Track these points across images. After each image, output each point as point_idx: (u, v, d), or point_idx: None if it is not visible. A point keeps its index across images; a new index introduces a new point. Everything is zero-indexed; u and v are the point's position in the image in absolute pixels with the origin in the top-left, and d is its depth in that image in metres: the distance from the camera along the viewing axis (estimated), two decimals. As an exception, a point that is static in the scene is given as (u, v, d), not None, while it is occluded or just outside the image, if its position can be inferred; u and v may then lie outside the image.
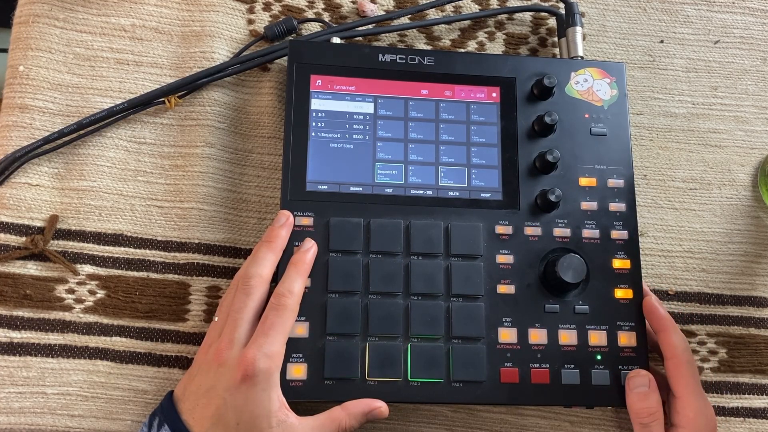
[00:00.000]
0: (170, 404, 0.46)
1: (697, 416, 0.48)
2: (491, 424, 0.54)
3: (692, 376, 0.49)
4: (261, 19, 0.60)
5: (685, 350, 0.49)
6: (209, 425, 0.44)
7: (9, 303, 0.52)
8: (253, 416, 0.44)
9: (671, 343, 0.50)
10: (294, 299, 0.47)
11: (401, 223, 0.52)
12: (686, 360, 0.49)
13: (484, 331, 0.50)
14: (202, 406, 0.45)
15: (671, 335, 0.50)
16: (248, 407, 0.44)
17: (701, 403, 0.48)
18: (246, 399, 0.44)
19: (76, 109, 0.56)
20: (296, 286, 0.47)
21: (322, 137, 0.54)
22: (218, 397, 0.44)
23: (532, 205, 0.53)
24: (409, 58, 0.56)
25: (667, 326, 0.50)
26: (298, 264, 0.49)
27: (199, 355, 0.48)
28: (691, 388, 0.48)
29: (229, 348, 0.45)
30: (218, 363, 0.45)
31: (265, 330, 0.45)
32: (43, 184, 0.54)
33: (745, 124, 0.62)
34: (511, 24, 0.63)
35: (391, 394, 0.49)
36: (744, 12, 0.65)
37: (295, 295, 0.47)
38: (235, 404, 0.44)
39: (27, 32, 0.57)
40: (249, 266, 0.48)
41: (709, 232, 0.59)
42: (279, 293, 0.47)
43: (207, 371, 0.46)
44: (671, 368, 0.49)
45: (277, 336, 0.45)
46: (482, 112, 0.55)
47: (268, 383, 0.44)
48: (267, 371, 0.44)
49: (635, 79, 0.62)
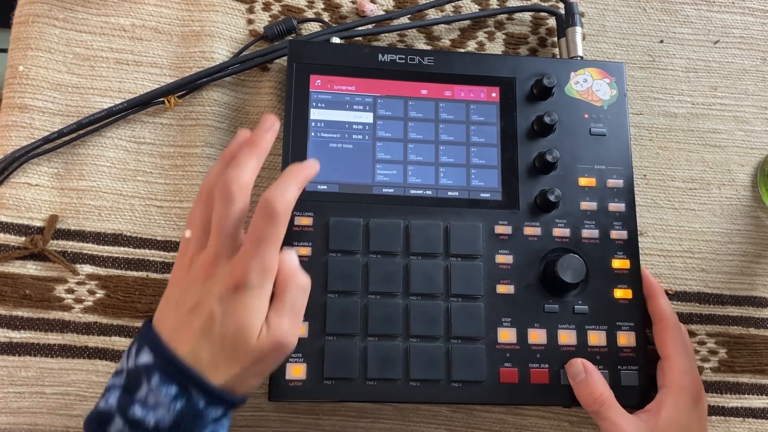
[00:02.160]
0: (148, 329, 0.42)
1: (682, 376, 0.49)
2: (491, 424, 0.54)
3: (678, 338, 0.51)
4: (261, 19, 0.60)
5: (671, 314, 0.52)
6: (194, 341, 0.40)
7: (8, 303, 0.52)
8: (240, 329, 0.40)
9: (658, 307, 0.52)
10: (287, 207, 0.41)
11: (401, 223, 0.52)
12: (673, 322, 0.51)
13: (484, 331, 0.50)
14: (186, 323, 0.41)
15: (659, 299, 0.52)
16: (235, 319, 0.40)
17: (687, 364, 0.50)
18: (234, 311, 0.40)
19: (75, 109, 0.56)
20: (289, 193, 0.41)
21: (322, 137, 0.54)
22: (205, 312, 0.41)
23: (532, 205, 0.53)
24: (409, 58, 0.56)
25: (655, 292, 0.53)
26: (296, 170, 0.43)
27: (176, 272, 0.44)
28: (677, 349, 0.50)
29: (216, 262, 0.41)
30: (205, 276, 0.42)
31: (256, 240, 0.40)
32: (43, 184, 0.54)
33: (745, 124, 0.62)
34: (511, 24, 0.63)
35: (390, 394, 0.49)
36: (744, 12, 0.65)
37: (288, 204, 0.41)
38: (223, 317, 0.40)
39: (27, 32, 0.57)
40: (229, 171, 0.42)
41: (708, 232, 0.59)
42: (269, 199, 0.41)
43: (189, 287, 0.42)
44: (658, 331, 0.51)
45: (269, 249, 0.41)
46: (482, 112, 0.55)
47: (259, 294, 0.41)
48: (259, 285, 0.41)
49: (635, 79, 0.62)
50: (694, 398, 0.49)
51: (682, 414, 0.48)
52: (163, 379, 0.40)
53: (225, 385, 0.41)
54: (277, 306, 0.42)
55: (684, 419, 0.48)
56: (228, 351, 0.40)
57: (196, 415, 0.40)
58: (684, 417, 0.48)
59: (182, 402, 0.40)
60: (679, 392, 0.48)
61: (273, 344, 0.41)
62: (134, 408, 0.39)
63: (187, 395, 0.40)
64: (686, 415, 0.48)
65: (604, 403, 0.48)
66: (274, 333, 0.41)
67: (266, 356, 0.41)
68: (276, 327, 0.41)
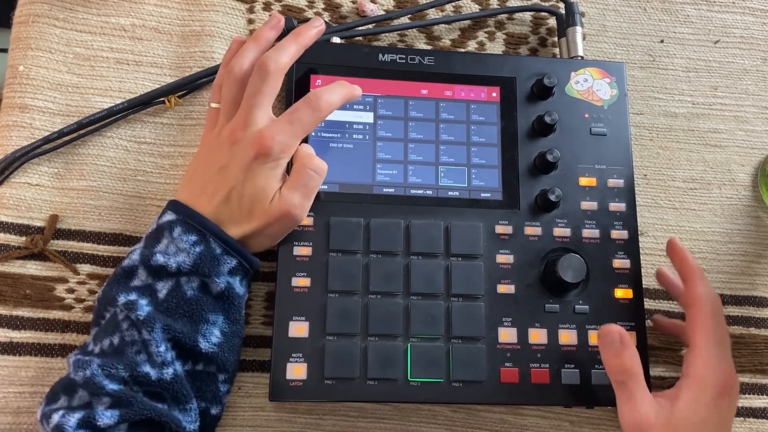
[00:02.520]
0: (170, 201, 0.49)
1: (707, 369, 0.45)
2: (491, 424, 0.54)
3: (711, 327, 0.46)
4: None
5: (709, 301, 0.47)
6: (217, 202, 0.47)
7: (9, 303, 0.52)
8: (256, 192, 0.47)
9: (696, 292, 0.48)
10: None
11: (401, 223, 0.52)
12: (708, 311, 0.47)
13: (484, 331, 0.50)
14: (214, 184, 0.47)
15: (698, 284, 0.48)
16: (253, 184, 0.47)
17: (716, 358, 0.46)
18: (253, 176, 0.47)
19: (76, 108, 0.56)
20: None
21: (322, 137, 0.54)
22: (232, 175, 0.47)
23: (532, 204, 0.53)
24: (409, 58, 0.56)
25: (691, 275, 0.49)
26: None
27: (206, 138, 0.50)
28: (707, 338, 0.46)
29: (245, 128, 0.47)
30: (232, 141, 0.47)
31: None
32: (43, 183, 0.54)
33: (745, 124, 0.62)
34: (511, 24, 0.63)
35: (391, 394, 0.49)
36: (744, 12, 0.65)
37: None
38: (243, 182, 0.47)
39: (27, 32, 0.57)
40: (271, 52, 0.48)
41: (709, 231, 0.59)
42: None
43: (218, 150, 0.48)
44: (690, 316, 0.48)
45: (297, 131, 0.47)
46: (482, 112, 0.55)
47: (277, 164, 0.47)
48: (279, 154, 0.47)
49: (635, 79, 0.62)
50: (718, 392, 0.45)
51: (700, 407, 0.45)
52: (184, 229, 0.46)
53: (239, 238, 0.47)
54: (292, 182, 0.48)
55: (702, 412, 0.45)
56: (244, 211, 0.47)
57: (213, 259, 0.46)
58: (702, 410, 0.45)
59: (201, 247, 0.46)
60: (701, 384, 0.45)
61: (282, 212, 0.47)
62: (156, 257, 0.46)
63: (206, 242, 0.46)
64: (705, 408, 0.45)
65: (633, 376, 0.46)
66: (284, 202, 0.47)
67: (276, 221, 0.48)
68: (287, 198, 0.47)
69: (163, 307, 0.46)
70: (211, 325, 0.47)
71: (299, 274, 0.50)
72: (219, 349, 0.47)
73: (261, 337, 0.53)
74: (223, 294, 0.47)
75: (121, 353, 0.44)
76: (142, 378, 0.44)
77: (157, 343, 0.44)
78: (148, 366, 0.44)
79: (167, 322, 0.45)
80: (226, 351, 0.47)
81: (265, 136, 0.46)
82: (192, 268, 0.46)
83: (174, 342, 0.45)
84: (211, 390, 0.47)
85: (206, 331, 0.46)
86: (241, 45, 0.50)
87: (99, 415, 0.42)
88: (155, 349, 0.44)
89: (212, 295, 0.47)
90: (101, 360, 0.44)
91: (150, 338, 0.44)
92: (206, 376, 0.47)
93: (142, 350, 0.44)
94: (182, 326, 0.45)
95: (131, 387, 0.44)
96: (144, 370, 0.44)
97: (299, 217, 0.48)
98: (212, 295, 0.47)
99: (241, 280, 0.48)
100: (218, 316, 0.47)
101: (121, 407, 0.43)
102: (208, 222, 0.47)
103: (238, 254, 0.47)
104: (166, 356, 0.45)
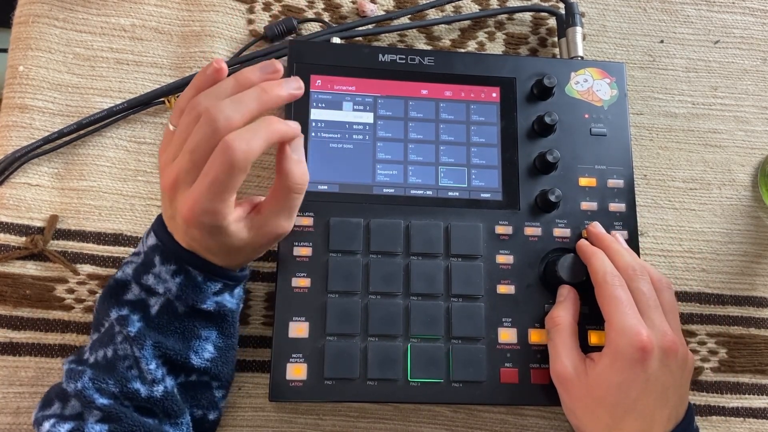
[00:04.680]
0: (158, 216, 0.47)
1: (618, 337, 0.45)
2: (491, 424, 0.54)
3: (615, 297, 0.47)
4: (261, 19, 0.60)
5: (604, 272, 0.48)
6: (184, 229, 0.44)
7: (9, 303, 0.52)
8: (223, 245, 0.44)
9: (591, 268, 0.49)
10: (248, 159, 0.40)
11: (401, 223, 0.52)
12: (605, 282, 0.47)
13: (484, 331, 0.50)
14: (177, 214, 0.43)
15: (590, 260, 0.49)
16: (216, 240, 0.43)
17: (622, 324, 0.46)
18: (210, 237, 0.43)
19: (76, 109, 0.56)
20: (255, 144, 0.40)
21: (322, 137, 0.54)
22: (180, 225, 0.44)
23: (532, 205, 0.53)
24: (409, 58, 0.56)
25: (588, 253, 0.50)
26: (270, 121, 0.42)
27: (160, 161, 0.45)
28: (614, 308, 0.46)
29: (174, 187, 0.42)
30: (171, 197, 0.43)
31: (210, 182, 0.40)
32: (43, 184, 0.54)
33: (745, 124, 0.62)
34: (511, 24, 0.63)
35: (391, 394, 0.49)
36: (744, 12, 0.65)
37: (251, 156, 0.40)
38: (208, 238, 0.43)
39: (27, 32, 0.57)
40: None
41: (709, 232, 0.59)
42: (231, 146, 0.39)
43: (163, 199, 0.44)
44: (597, 295, 0.48)
45: (219, 193, 0.40)
46: (482, 112, 0.55)
47: (219, 229, 0.42)
48: (213, 222, 0.42)
49: (635, 79, 0.62)
50: (634, 358, 0.45)
51: (614, 372, 0.45)
52: (162, 259, 0.45)
53: (221, 263, 0.46)
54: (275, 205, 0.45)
55: (617, 378, 0.45)
56: (223, 254, 0.45)
57: (195, 287, 0.45)
58: (616, 375, 0.45)
59: (181, 277, 0.45)
60: (615, 352, 0.45)
61: (271, 238, 0.46)
62: (147, 277, 0.45)
63: (185, 271, 0.45)
64: (620, 373, 0.45)
65: (560, 330, 0.49)
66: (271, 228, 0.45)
67: (264, 247, 0.47)
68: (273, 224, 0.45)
69: (154, 323, 0.45)
70: (204, 341, 0.47)
71: (299, 275, 0.50)
72: (212, 364, 0.47)
73: (261, 337, 0.53)
74: (213, 313, 0.47)
75: (113, 367, 0.44)
76: (132, 394, 0.44)
77: (147, 360, 0.44)
78: (138, 383, 0.44)
79: (158, 339, 0.45)
80: (220, 364, 0.47)
81: (189, 210, 0.41)
82: (178, 294, 0.45)
83: (165, 359, 0.45)
84: (207, 397, 0.48)
85: (198, 347, 0.46)
86: (217, 74, 0.43)
87: (89, 428, 0.42)
88: (146, 366, 0.44)
89: (204, 313, 0.46)
90: (93, 373, 0.44)
91: (140, 355, 0.44)
92: (200, 385, 0.48)
93: (133, 366, 0.44)
94: (173, 343, 0.45)
95: (122, 402, 0.44)
96: (134, 386, 0.44)
97: (287, 233, 0.47)
98: (204, 313, 0.46)
99: (230, 294, 0.48)
100: (211, 331, 0.47)
101: (110, 422, 0.43)
102: (181, 251, 0.44)
103: (222, 277, 0.46)
104: (157, 374, 0.44)
